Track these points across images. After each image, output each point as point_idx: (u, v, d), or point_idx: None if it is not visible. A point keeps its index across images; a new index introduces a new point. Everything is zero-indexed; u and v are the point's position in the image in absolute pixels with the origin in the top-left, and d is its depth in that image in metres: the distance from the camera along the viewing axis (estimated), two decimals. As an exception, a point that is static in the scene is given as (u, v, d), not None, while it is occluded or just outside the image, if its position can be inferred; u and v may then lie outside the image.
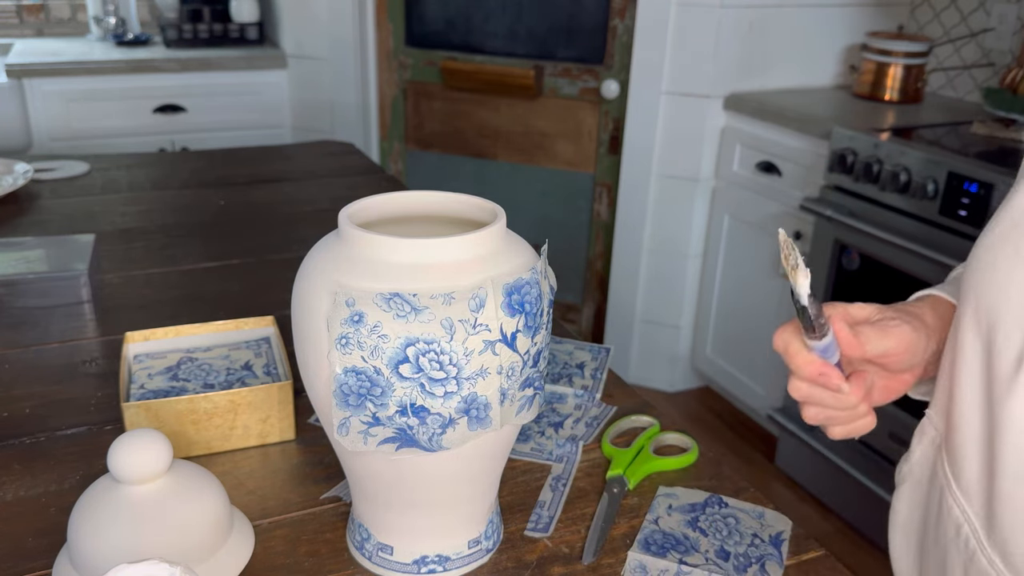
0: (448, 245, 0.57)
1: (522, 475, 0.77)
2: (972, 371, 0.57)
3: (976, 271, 0.58)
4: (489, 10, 2.54)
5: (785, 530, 0.71)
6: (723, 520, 0.72)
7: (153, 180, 1.62)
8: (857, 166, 1.89)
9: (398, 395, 0.55)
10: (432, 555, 0.65)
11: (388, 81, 2.73)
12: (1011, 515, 0.55)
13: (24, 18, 3.05)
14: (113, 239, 1.29)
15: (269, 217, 1.43)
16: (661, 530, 0.70)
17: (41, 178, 1.56)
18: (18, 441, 0.80)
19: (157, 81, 2.73)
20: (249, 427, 0.79)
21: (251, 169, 1.69)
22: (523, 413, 0.60)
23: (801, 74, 2.39)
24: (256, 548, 0.67)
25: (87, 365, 0.94)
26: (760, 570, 0.67)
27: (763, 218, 2.24)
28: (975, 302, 0.58)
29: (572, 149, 2.58)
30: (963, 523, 0.59)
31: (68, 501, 0.65)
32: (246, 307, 1.06)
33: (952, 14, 2.35)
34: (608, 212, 2.56)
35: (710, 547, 0.69)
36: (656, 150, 2.40)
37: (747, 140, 2.26)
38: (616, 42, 2.40)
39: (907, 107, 2.23)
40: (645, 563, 0.66)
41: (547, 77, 2.52)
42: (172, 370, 0.85)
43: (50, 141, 2.63)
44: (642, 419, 0.86)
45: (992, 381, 0.55)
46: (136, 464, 0.60)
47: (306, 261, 0.60)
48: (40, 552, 0.66)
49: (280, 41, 2.89)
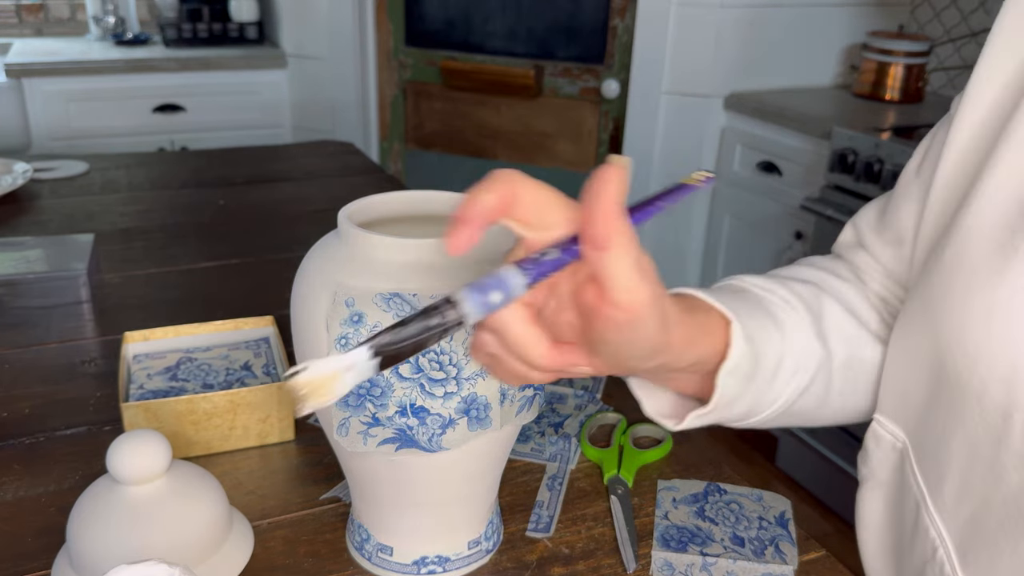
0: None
1: (522, 475, 0.77)
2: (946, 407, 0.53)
3: (937, 297, 0.53)
4: (489, 10, 2.54)
5: (786, 509, 0.73)
6: (727, 507, 0.73)
7: (152, 180, 1.62)
8: (858, 166, 1.89)
9: (398, 395, 0.55)
10: (432, 556, 0.65)
11: (388, 81, 2.73)
12: (988, 553, 0.52)
13: (23, 18, 3.05)
14: (112, 239, 1.29)
15: (269, 217, 1.43)
16: (674, 524, 0.70)
17: (40, 178, 1.56)
18: (17, 441, 0.80)
19: (156, 81, 2.73)
20: (248, 427, 0.79)
21: (251, 169, 1.69)
22: (523, 413, 0.60)
23: (801, 74, 2.39)
24: (256, 548, 0.67)
25: (86, 365, 0.93)
26: (776, 551, 0.68)
27: (763, 218, 2.23)
28: (934, 327, 0.53)
29: (572, 149, 2.58)
30: (938, 546, 0.56)
31: (68, 501, 0.65)
32: (246, 307, 1.05)
33: (952, 14, 2.35)
34: (608, 212, 2.56)
35: (723, 535, 0.69)
36: (656, 150, 2.40)
37: (747, 140, 2.26)
38: (616, 42, 2.40)
39: (908, 107, 2.23)
40: (671, 560, 0.67)
41: (547, 77, 2.52)
42: (171, 370, 0.85)
43: (49, 141, 2.63)
44: (608, 416, 0.86)
45: (982, 429, 0.51)
46: (135, 464, 0.60)
47: (306, 261, 0.60)
48: (40, 552, 0.66)
49: (280, 41, 2.89)
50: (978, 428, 0.51)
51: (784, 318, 0.58)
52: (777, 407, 0.59)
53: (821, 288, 0.64)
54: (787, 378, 0.57)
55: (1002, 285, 0.49)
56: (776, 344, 0.56)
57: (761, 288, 0.61)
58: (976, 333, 0.50)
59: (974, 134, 0.56)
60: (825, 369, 0.60)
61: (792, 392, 0.58)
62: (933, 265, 0.55)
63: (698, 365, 0.53)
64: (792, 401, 0.59)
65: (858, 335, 0.63)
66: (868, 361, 0.63)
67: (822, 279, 0.66)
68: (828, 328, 0.61)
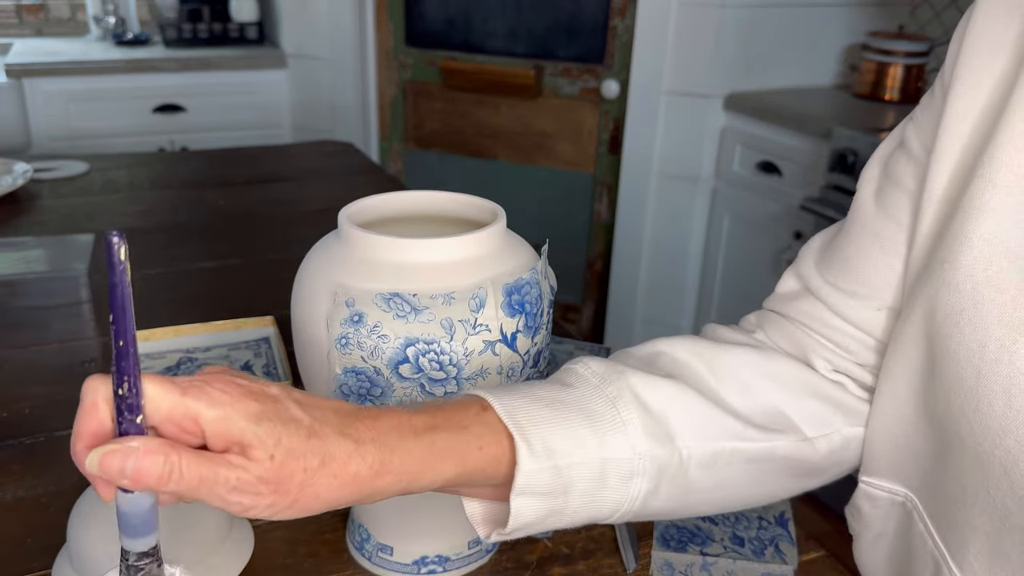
0: (448, 245, 0.57)
1: (522, 475, 0.77)
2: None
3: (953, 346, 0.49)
4: (489, 10, 2.54)
5: (786, 509, 0.73)
6: None
7: (153, 180, 1.62)
8: (858, 166, 1.89)
9: (398, 395, 0.55)
10: (432, 555, 0.65)
11: (388, 81, 2.73)
12: None
13: (24, 18, 3.05)
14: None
15: (269, 217, 1.43)
16: (674, 524, 0.71)
17: (40, 178, 1.56)
18: (18, 441, 0.80)
19: (157, 81, 2.73)
20: (249, 427, 0.79)
21: (251, 169, 1.69)
22: (523, 413, 0.60)
23: (801, 74, 2.39)
24: (256, 548, 0.67)
25: (87, 365, 0.93)
26: (776, 551, 0.68)
27: (763, 218, 2.23)
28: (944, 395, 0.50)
29: (572, 149, 2.58)
30: None
31: (68, 501, 0.65)
32: (246, 307, 1.05)
33: (953, 14, 2.35)
34: (608, 212, 2.56)
35: (723, 535, 0.69)
36: (656, 150, 2.40)
37: (747, 140, 2.26)
38: (616, 42, 2.40)
39: (908, 107, 2.23)
40: (671, 560, 0.67)
41: (547, 77, 2.52)
42: (172, 370, 0.85)
43: (49, 141, 2.63)
44: None
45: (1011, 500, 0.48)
46: (135, 464, 0.60)
47: (306, 261, 0.60)
48: (40, 552, 0.66)
49: (280, 41, 2.89)
50: (1007, 498, 0.48)
51: (603, 419, 0.52)
52: (623, 513, 0.53)
53: (678, 378, 0.57)
54: (619, 485, 0.51)
55: (1018, 355, 0.46)
56: (591, 452, 0.50)
57: (593, 376, 0.55)
58: (996, 408, 0.47)
59: (952, 177, 0.52)
60: (673, 469, 0.53)
61: (634, 497, 0.52)
62: (926, 329, 0.52)
63: (469, 484, 0.49)
64: (640, 504, 0.53)
65: (724, 427, 0.55)
66: (744, 454, 0.56)
67: (698, 357, 0.58)
68: (676, 423, 0.54)
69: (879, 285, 0.58)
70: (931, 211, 0.53)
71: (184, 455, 0.39)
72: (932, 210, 0.53)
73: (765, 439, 0.56)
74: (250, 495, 0.41)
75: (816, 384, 0.60)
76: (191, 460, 0.39)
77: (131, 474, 0.39)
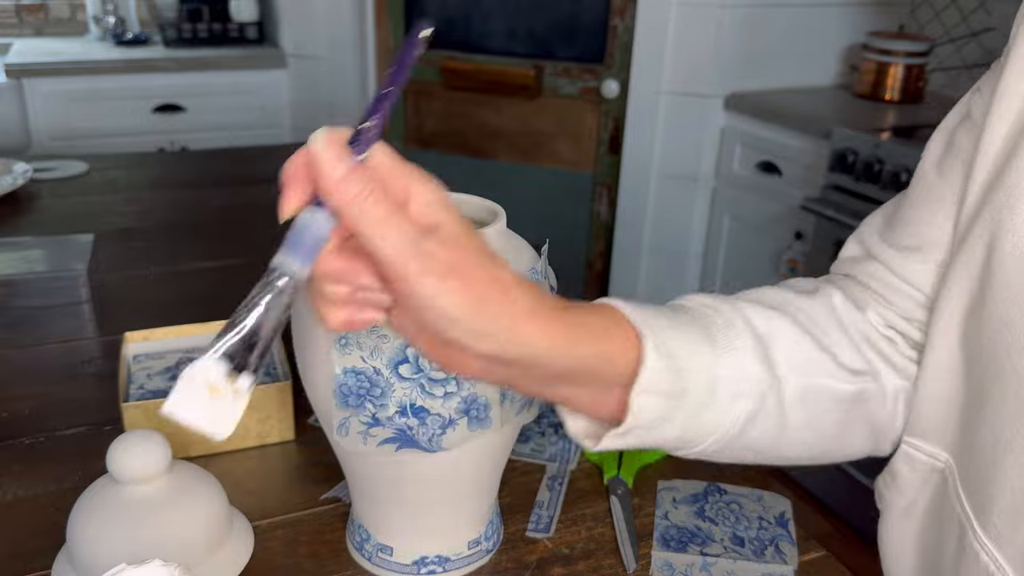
0: (448, 245, 0.56)
1: (522, 475, 0.77)
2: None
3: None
4: (489, 9, 2.54)
5: (786, 509, 0.73)
6: (727, 507, 0.73)
7: (152, 180, 1.62)
8: (858, 166, 1.89)
9: (398, 395, 0.55)
10: (432, 556, 0.65)
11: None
12: None
13: (23, 18, 3.05)
14: (112, 239, 1.29)
15: (269, 217, 1.43)
16: (674, 525, 0.71)
17: (40, 178, 1.56)
18: (18, 441, 0.80)
19: (156, 81, 2.73)
20: (248, 427, 0.79)
21: (251, 169, 1.69)
22: (523, 413, 0.60)
23: (801, 74, 2.39)
24: (256, 548, 0.67)
25: (86, 365, 0.93)
26: (776, 551, 0.68)
27: (763, 218, 2.23)
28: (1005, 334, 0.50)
29: (572, 149, 2.58)
30: (995, 571, 0.52)
31: (68, 501, 0.65)
32: (246, 307, 1.05)
33: (953, 13, 2.35)
34: (608, 212, 2.56)
35: (723, 535, 0.69)
36: (656, 150, 2.40)
37: (747, 140, 2.26)
38: (616, 42, 2.40)
39: (908, 107, 2.23)
40: (671, 560, 0.67)
41: (547, 77, 2.52)
42: (171, 370, 0.85)
43: (49, 141, 2.63)
44: None
45: None
46: (135, 464, 0.60)
47: (306, 261, 0.60)
48: (40, 552, 0.66)
49: (280, 41, 2.89)
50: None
51: (719, 336, 0.53)
52: (720, 436, 0.53)
53: (782, 311, 0.58)
54: (726, 404, 0.52)
55: None
56: (707, 362, 0.51)
57: (703, 305, 0.56)
58: None
59: (1005, 148, 0.53)
60: (774, 398, 0.54)
61: (735, 420, 0.53)
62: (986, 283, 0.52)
63: (590, 376, 0.48)
64: (739, 430, 0.53)
65: (820, 364, 0.57)
66: (835, 393, 0.57)
67: (786, 302, 0.60)
68: (777, 354, 0.55)
69: (932, 241, 0.59)
70: (988, 161, 0.54)
71: (381, 191, 0.41)
72: (989, 159, 0.54)
73: (851, 381, 0.58)
74: (424, 257, 0.41)
75: (874, 337, 0.61)
76: (384, 196, 0.41)
77: (340, 174, 0.39)
